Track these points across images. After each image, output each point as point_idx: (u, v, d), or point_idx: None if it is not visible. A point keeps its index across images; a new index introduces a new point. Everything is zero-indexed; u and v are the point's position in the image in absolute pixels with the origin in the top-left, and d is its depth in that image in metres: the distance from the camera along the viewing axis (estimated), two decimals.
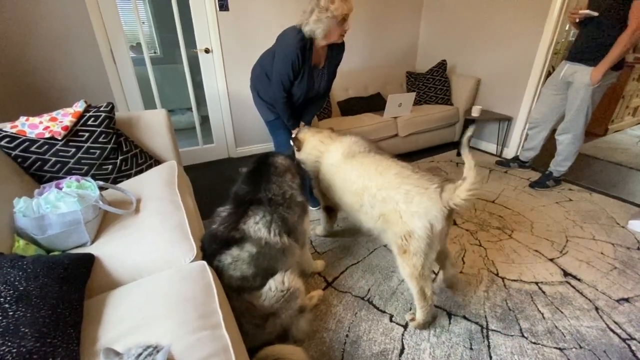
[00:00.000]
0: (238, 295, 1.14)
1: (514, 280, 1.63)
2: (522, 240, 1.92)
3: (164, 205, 1.37)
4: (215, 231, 1.21)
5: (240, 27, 2.73)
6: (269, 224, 1.20)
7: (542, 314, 1.44)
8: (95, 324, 0.85)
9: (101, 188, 1.32)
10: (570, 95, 2.29)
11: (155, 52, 4.17)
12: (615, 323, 1.40)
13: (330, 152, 1.61)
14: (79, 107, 1.60)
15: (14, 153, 1.39)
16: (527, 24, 2.75)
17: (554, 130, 2.53)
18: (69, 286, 0.87)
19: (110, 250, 1.12)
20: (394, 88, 3.51)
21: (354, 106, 3.14)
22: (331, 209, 1.85)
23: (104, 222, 1.25)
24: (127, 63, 2.50)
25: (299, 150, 1.76)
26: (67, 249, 1.12)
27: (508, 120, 3.06)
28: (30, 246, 1.05)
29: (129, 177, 1.68)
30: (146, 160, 1.78)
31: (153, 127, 1.87)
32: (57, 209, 1.10)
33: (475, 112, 3.00)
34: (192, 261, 1.13)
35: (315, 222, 2.02)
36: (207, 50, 2.70)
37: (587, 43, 2.14)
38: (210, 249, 1.18)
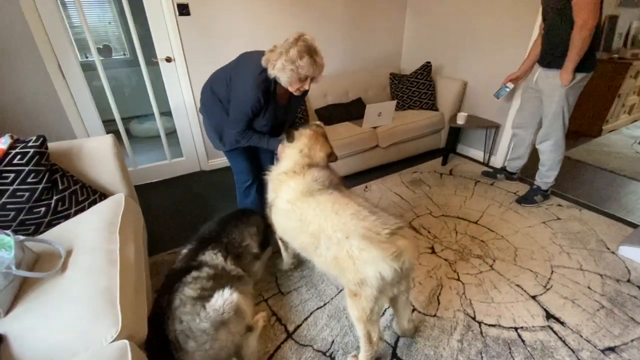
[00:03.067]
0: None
1: (492, 326, 1.49)
2: (503, 273, 1.78)
3: (96, 260, 1.21)
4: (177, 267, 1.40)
5: (205, 33, 2.50)
6: (224, 257, 1.43)
7: None
8: None
9: None
10: (545, 101, 2.18)
11: (124, 54, 3.92)
12: None
13: (289, 187, 1.44)
14: (3, 143, 1.41)
15: None
16: (516, 27, 2.55)
17: None
18: None
19: (23, 328, 0.96)
20: (377, 92, 3.30)
21: (332, 114, 2.93)
22: None
23: (25, 284, 1.09)
24: (76, 74, 2.27)
25: (290, 141, 1.55)
26: None
27: (496, 127, 2.88)
28: None
29: (67, 217, 1.51)
30: (88, 196, 1.60)
31: (97, 156, 1.68)
32: None
33: (460, 120, 2.81)
34: (114, 340, 0.98)
35: (276, 254, 1.84)
36: (168, 59, 2.48)
37: (549, 48, 2.07)
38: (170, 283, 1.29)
